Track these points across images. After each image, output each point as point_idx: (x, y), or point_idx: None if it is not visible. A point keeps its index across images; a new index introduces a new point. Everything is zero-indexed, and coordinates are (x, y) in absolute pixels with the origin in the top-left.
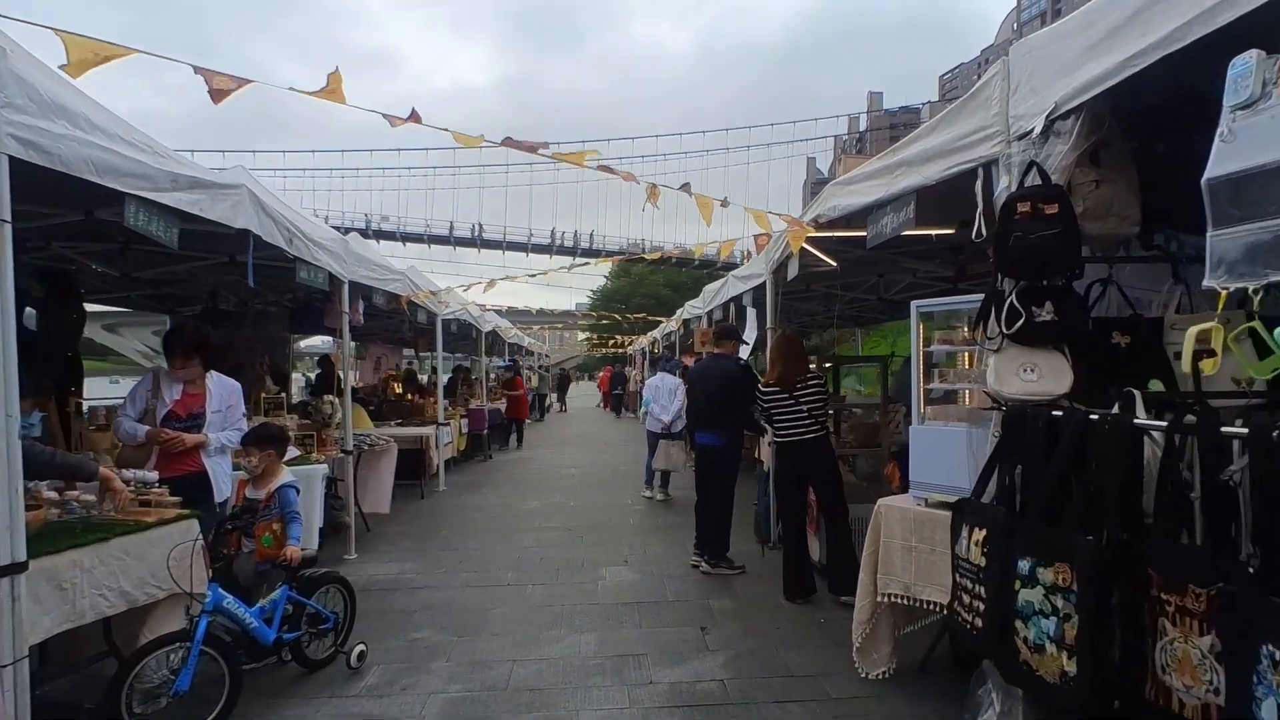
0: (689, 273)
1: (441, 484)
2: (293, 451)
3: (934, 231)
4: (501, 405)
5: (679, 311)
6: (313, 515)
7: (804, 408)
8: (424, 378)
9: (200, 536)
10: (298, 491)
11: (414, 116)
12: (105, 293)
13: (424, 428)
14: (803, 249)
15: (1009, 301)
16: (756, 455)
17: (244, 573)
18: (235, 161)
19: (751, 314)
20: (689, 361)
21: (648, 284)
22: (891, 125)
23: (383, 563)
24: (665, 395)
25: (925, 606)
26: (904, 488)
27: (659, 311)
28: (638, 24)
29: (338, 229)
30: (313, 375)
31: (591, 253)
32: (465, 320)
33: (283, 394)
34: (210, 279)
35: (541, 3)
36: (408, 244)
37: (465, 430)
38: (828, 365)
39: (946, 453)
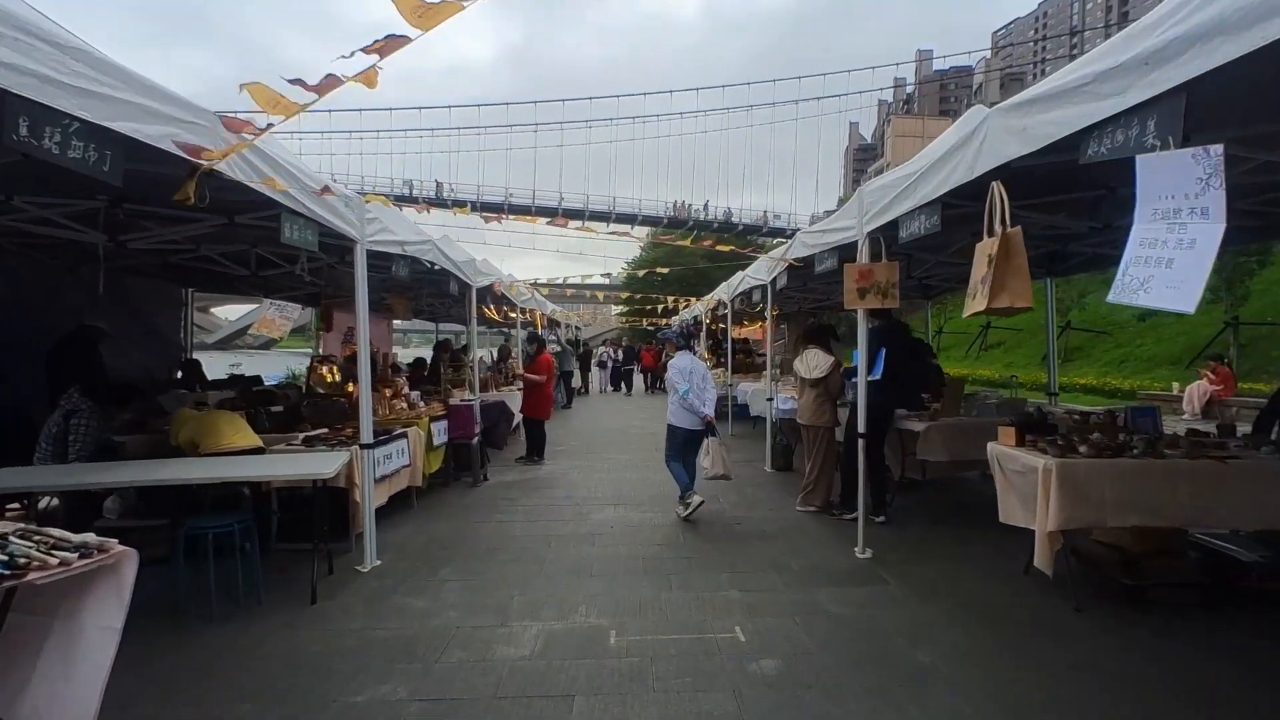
0: (730, 240)
1: (369, 556)
2: None
3: None
4: (507, 395)
5: (759, 264)
6: None
7: None
8: (407, 357)
9: None
10: None
11: None
12: None
13: (328, 456)
14: None
15: None
16: None
17: None
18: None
19: (1180, 159)
20: (744, 333)
21: (685, 255)
22: (942, 84)
23: None
24: (698, 382)
25: None
26: None
27: (698, 284)
28: None
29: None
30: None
31: (626, 218)
32: (434, 264)
33: None
34: None
35: None
36: (431, 210)
37: (440, 439)
38: None
39: None
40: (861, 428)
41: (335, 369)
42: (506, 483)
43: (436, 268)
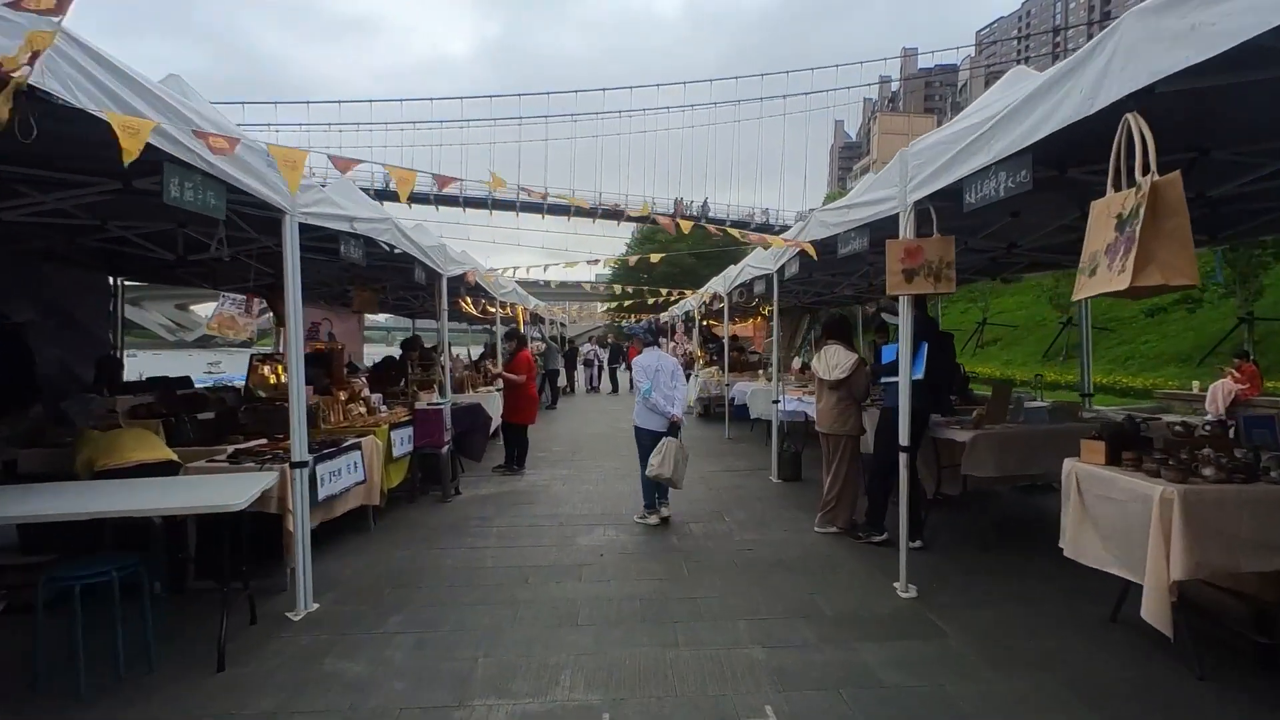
0: (718, 239)
1: (302, 599)
2: None
3: None
4: (484, 396)
5: (759, 251)
6: None
7: None
8: (366, 356)
9: None
10: None
11: None
12: None
13: (246, 479)
14: None
15: None
16: None
17: None
18: (224, 116)
19: None
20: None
21: (672, 251)
22: (927, 83)
23: None
24: (665, 380)
25: None
26: None
27: (683, 280)
28: None
29: None
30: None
31: (614, 214)
32: (394, 247)
33: None
34: None
35: None
36: (413, 205)
37: (403, 449)
38: None
39: None
40: (904, 439)
41: (280, 369)
42: (481, 497)
43: (398, 251)
